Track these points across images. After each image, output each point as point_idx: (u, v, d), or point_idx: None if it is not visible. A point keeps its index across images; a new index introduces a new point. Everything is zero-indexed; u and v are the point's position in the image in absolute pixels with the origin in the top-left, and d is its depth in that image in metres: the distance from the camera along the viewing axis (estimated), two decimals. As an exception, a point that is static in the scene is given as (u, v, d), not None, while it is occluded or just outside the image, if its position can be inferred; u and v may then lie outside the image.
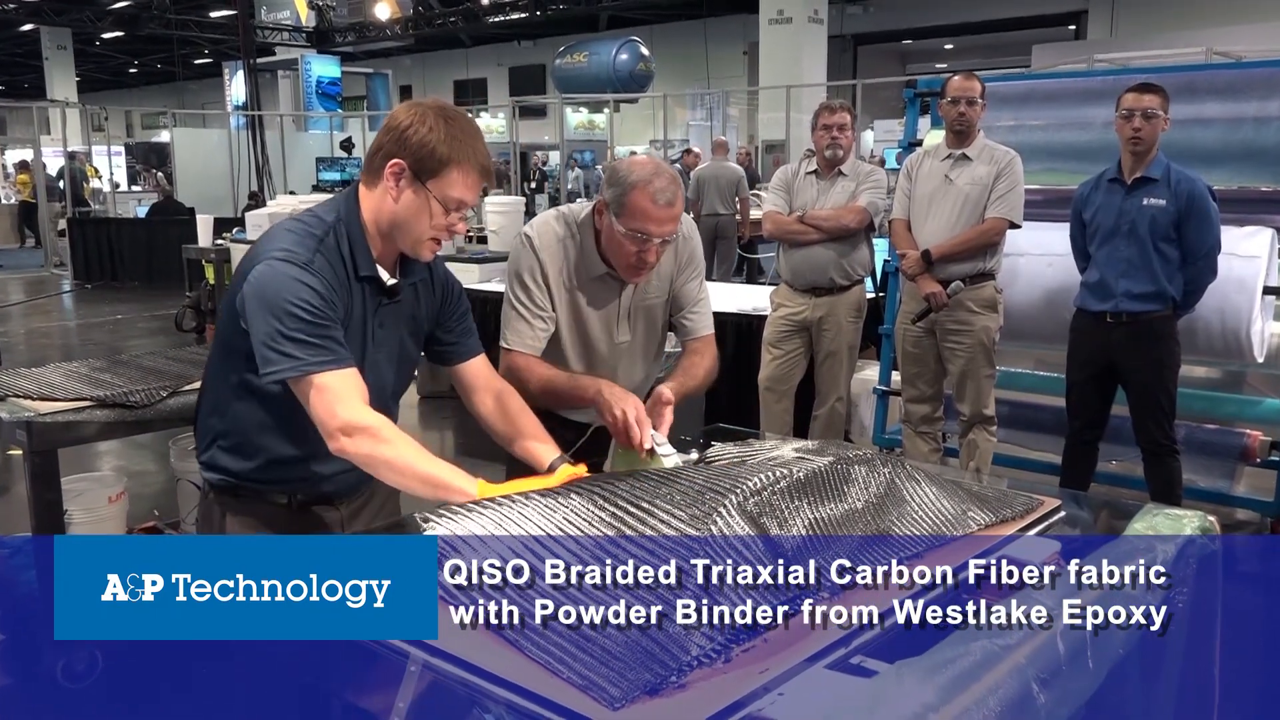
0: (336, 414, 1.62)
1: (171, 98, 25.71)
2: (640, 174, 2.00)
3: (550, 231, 2.16)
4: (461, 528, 1.44)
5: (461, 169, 1.67)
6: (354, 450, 1.63)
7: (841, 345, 4.11)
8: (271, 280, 1.65)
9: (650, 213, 1.99)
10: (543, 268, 2.14)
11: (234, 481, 1.84)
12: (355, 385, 1.66)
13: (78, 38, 22.12)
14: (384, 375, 1.84)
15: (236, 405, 1.79)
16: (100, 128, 17.29)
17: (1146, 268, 3.40)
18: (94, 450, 5.02)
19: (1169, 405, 3.49)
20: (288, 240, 1.70)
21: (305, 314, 1.64)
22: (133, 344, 8.57)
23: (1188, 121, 3.83)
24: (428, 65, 24.40)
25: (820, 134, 4.06)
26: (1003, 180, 3.68)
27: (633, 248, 2.04)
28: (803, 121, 11.34)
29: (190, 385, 2.90)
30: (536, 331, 2.16)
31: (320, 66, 19.10)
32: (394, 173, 1.69)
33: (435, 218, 1.70)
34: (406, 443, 1.64)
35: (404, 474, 1.63)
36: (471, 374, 1.96)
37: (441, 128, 1.67)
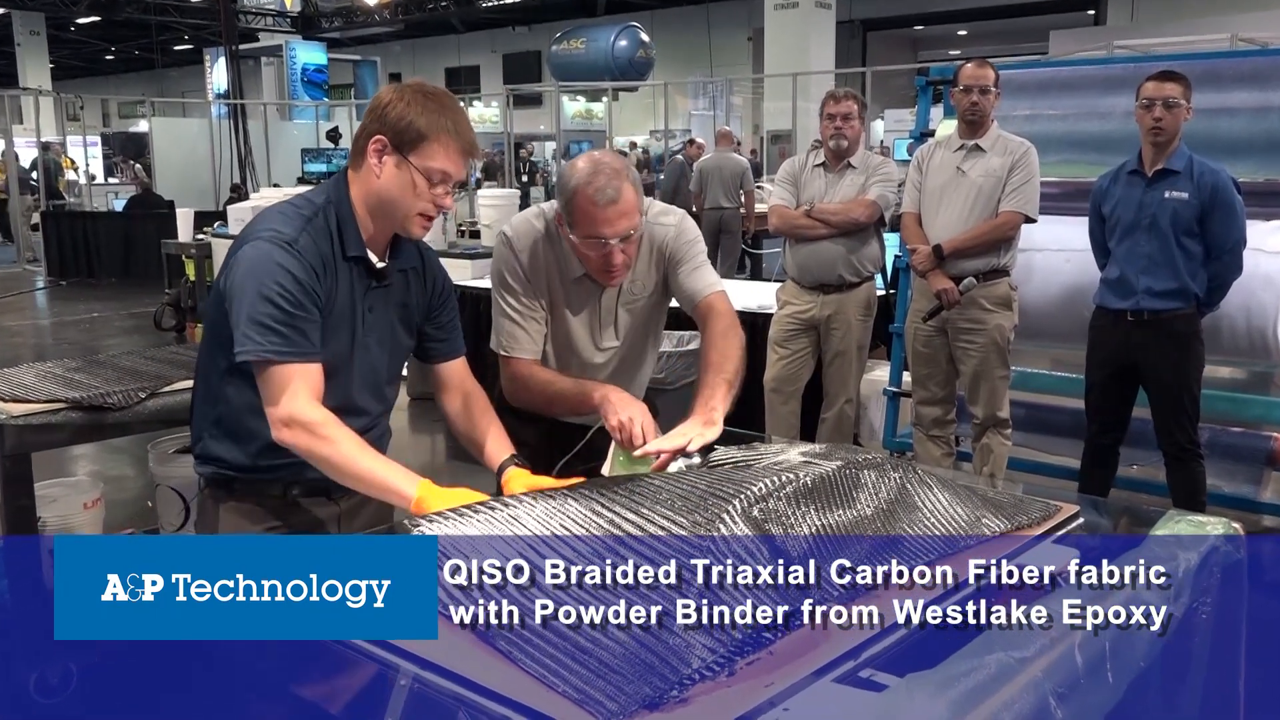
0: (281, 404, 1.71)
1: (150, 86, 25.72)
2: (579, 177, 1.96)
3: (530, 230, 2.15)
4: (457, 531, 1.44)
5: (440, 140, 1.74)
6: (291, 441, 1.71)
7: (850, 345, 4.12)
8: (255, 262, 1.73)
9: (594, 215, 1.96)
10: (523, 268, 2.14)
11: (228, 473, 1.89)
12: (310, 380, 1.73)
13: (51, 23, 22.11)
14: (376, 359, 1.90)
15: (227, 390, 1.85)
16: (75, 117, 17.33)
17: (1168, 264, 3.41)
18: (69, 454, 5.02)
19: (1192, 407, 3.49)
20: (276, 220, 1.78)
21: (279, 300, 1.71)
22: (109, 343, 8.57)
23: (1211, 111, 3.84)
24: (418, 52, 24.41)
25: (825, 124, 4.07)
26: (1017, 172, 3.68)
27: (594, 253, 2.01)
28: (809, 111, 11.36)
29: (170, 386, 2.90)
30: (531, 334, 2.16)
31: (306, 53, 19.09)
32: (376, 149, 1.76)
33: (420, 191, 1.76)
34: (349, 440, 1.71)
35: (341, 472, 1.71)
36: (449, 373, 2.03)
37: (419, 102, 1.75)
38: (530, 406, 2.16)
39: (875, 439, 4.72)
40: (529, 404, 2.16)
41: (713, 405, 1.91)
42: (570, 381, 2.12)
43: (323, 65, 19.29)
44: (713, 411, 1.90)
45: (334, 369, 1.82)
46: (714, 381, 1.96)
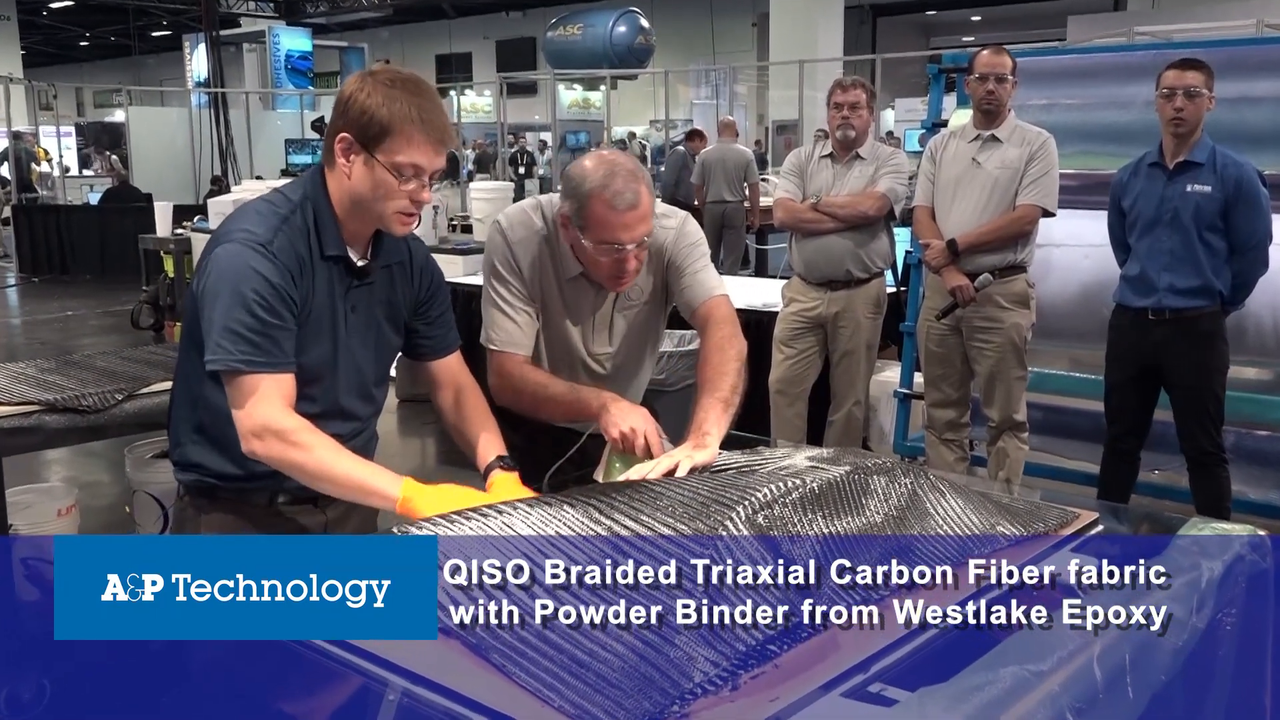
0: (252, 415, 1.70)
1: (126, 73, 25.72)
2: (594, 180, 1.95)
3: (525, 222, 2.14)
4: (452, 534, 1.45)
5: (405, 132, 1.70)
6: (264, 452, 1.70)
7: (859, 344, 4.12)
8: (228, 266, 1.72)
9: (611, 221, 1.95)
10: (516, 261, 2.12)
11: (210, 481, 1.88)
12: (282, 390, 1.72)
13: (22, 7, 22.10)
14: (361, 361, 1.89)
15: (208, 394, 1.84)
16: (48, 106, 17.29)
17: (1191, 260, 3.41)
18: (42, 459, 5.02)
19: (1216, 410, 3.50)
20: (250, 220, 1.77)
21: (253, 307, 1.70)
22: (84, 343, 8.57)
23: (1235, 100, 3.84)
24: (407, 38, 24.41)
25: (832, 113, 4.07)
26: (1035, 164, 3.67)
27: (606, 259, 2.00)
28: (816, 100, 11.35)
29: (148, 388, 2.90)
30: (521, 326, 2.13)
31: (290, 39, 19.10)
32: (342, 148, 1.74)
33: (391, 189, 1.73)
34: (324, 445, 1.70)
35: (319, 478, 1.70)
36: (442, 370, 2.02)
37: (381, 92, 1.70)
38: (517, 407, 2.13)
39: (885, 443, 4.72)
40: (516, 405, 2.13)
41: (705, 430, 1.90)
42: (565, 386, 2.09)
43: (308, 52, 19.29)
44: (705, 436, 1.89)
45: (317, 373, 1.81)
46: (707, 403, 1.95)
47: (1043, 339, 4.02)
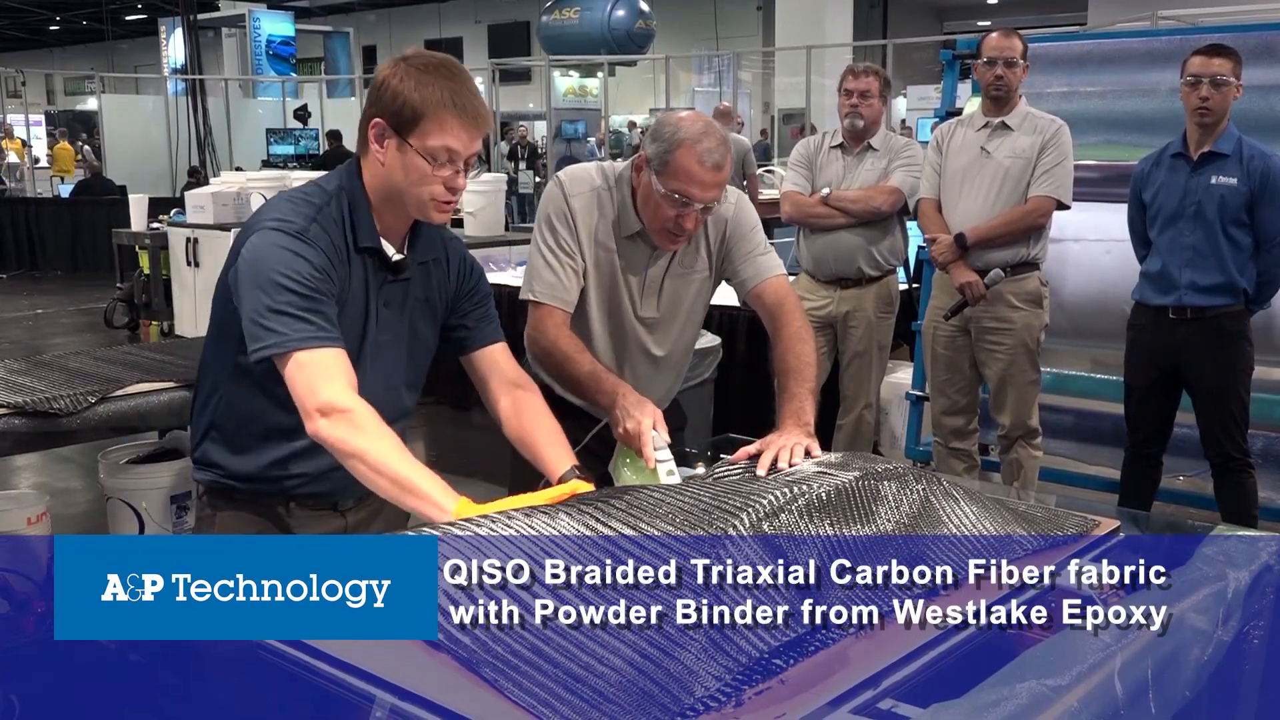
0: (317, 392, 1.68)
1: (99, 59, 25.68)
2: (688, 131, 2.07)
3: (586, 179, 2.25)
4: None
5: (438, 116, 1.73)
6: (328, 434, 1.68)
7: (870, 344, 4.11)
8: (262, 252, 1.73)
9: (695, 174, 2.06)
10: (572, 214, 2.22)
11: (228, 482, 1.91)
12: (342, 366, 1.72)
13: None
14: (390, 362, 1.90)
15: (232, 391, 1.86)
16: (16, 94, 17.27)
17: (1215, 256, 3.41)
18: (10, 465, 5.02)
19: (1241, 413, 3.50)
20: (284, 209, 1.79)
21: (295, 286, 1.71)
22: (55, 343, 8.57)
23: (1264, 88, 3.84)
24: (394, 23, 24.40)
25: (842, 100, 4.06)
26: (1048, 153, 3.65)
27: (671, 211, 2.11)
28: (825, 87, 11.37)
29: (122, 390, 2.90)
30: (565, 280, 2.21)
31: (271, 24, 19.08)
32: (375, 134, 1.77)
33: (426, 175, 1.75)
34: (388, 438, 1.69)
35: (377, 471, 1.67)
36: (489, 362, 2.01)
37: (414, 76, 1.74)
38: (544, 366, 2.22)
39: (897, 447, 4.72)
40: (545, 363, 2.21)
41: (806, 419, 2.04)
42: (588, 367, 2.14)
43: (290, 37, 19.27)
44: (808, 426, 2.02)
45: None
46: (800, 392, 2.12)
47: (1061, 338, 4.02)
